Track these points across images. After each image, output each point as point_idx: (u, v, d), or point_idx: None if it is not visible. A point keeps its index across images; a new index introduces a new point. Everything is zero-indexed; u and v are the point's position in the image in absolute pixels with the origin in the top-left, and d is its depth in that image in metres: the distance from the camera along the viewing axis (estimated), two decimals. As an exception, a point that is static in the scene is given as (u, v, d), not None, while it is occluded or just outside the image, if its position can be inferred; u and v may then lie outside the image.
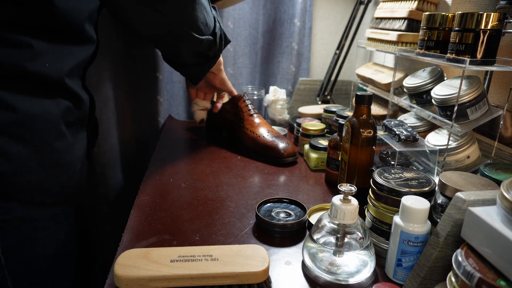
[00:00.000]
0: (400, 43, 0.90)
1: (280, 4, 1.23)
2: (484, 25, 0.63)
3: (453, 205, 0.44)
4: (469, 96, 0.68)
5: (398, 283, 0.51)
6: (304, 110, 1.17)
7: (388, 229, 0.55)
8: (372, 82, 1.04)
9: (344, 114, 0.99)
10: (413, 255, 0.50)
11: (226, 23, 1.16)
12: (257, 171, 0.87)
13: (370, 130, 0.66)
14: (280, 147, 0.91)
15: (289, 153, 0.91)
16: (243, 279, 0.47)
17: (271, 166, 0.90)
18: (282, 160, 0.90)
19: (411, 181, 0.55)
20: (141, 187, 0.76)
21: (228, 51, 1.20)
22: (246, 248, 0.51)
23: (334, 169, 0.80)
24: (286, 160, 0.90)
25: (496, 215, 0.38)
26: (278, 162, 0.91)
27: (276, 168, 0.89)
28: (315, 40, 1.34)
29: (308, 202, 0.72)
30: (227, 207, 0.71)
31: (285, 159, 0.90)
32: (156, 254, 0.49)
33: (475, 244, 0.39)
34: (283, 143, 0.92)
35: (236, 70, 1.25)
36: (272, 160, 0.91)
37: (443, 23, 0.74)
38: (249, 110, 1.00)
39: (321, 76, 1.36)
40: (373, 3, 1.20)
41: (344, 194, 0.51)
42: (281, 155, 0.90)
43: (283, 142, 0.92)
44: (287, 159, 0.91)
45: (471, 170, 0.72)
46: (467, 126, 0.69)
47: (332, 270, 0.52)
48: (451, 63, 0.68)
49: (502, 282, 0.34)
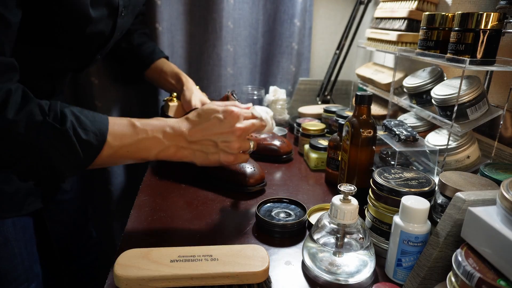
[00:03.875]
0: (400, 43, 0.90)
1: (280, 4, 1.23)
2: (484, 25, 0.63)
3: (453, 205, 0.44)
4: (469, 96, 0.68)
5: (398, 283, 0.51)
6: (304, 110, 1.17)
7: (388, 229, 0.55)
8: (372, 82, 1.04)
9: (344, 114, 0.99)
10: (413, 255, 0.50)
11: (226, 23, 1.16)
12: (257, 171, 0.87)
13: (370, 130, 0.66)
14: (247, 173, 0.76)
15: (256, 180, 0.76)
16: (243, 279, 0.47)
17: (271, 166, 0.90)
18: (247, 188, 0.76)
19: (411, 181, 0.55)
20: (141, 187, 0.76)
21: (228, 51, 1.20)
22: (246, 248, 0.51)
23: (334, 169, 0.80)
24: (251, 189, 0.76)
25: (496, 215, 0.38)
26: (243, 191, 0.76)
27: (276, 168, 0.89)
28: (315, 40, 1.34)
29: (308, 202, 0.72)
30: (227, 207, 0.71)
31: (250, 188, 0.76)
32: (156, 254, 0.49)
33: (475, 244, 0.39)
34: (250, 168, 0.77)
35: (236, 70, 1.25)
36: (236, 188, 0.77)
37: (443, 23, 0.74)
38: None
39: (321, 76, 1.36)
40: (373, 3, 1.20)
41: (344, 194, 0.51)
42: (246, 182, 0.76)
43: (250, 167, 0.78)
44: (252, 187, 0.76)
45: (471, 170, 0.72)
46: (467, 126, 0.69)
47: (332, 270, 0.52)
48: (451, 63, 0.68)
49: (502, 282, 0.34)
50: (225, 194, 0.75)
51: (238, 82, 1.27)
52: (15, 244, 0.72)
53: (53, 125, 0.50)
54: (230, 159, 0.62)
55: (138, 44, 0.98)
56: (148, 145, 0.58)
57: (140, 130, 0.58)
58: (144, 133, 0.58)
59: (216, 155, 0.61)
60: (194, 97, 0.87)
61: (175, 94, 0.94)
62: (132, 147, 0.57)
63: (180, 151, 0.60)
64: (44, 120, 0.50)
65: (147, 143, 0.58)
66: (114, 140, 0.55)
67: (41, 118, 0.50)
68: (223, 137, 0.61)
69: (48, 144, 0.50)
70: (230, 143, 0.61)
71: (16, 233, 0.73)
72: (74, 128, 0.51)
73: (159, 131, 0.59)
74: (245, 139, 0.64)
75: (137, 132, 0.57)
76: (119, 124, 0.57)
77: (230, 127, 0.60)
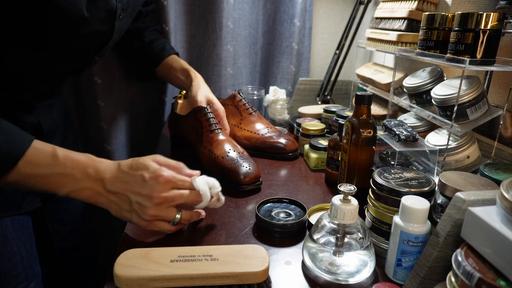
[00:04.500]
0: (400, 43, 0.90)
1: (280, 4, 1.23)
2: (484, 25, 0.63)
3: (453, 205, 0.44)
4: (469, 96, 0.68)
5: (398, 283, 0.51)
6: (304, 110, 1.17)
7: (388, 229, 0.55)
8: (372, 82, 1.04)
9: (344, 114, 0.99)
10: (413, 255, 0.50)
11: (226, 23, 1.16)
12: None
13: (370, 130, 0.66)
14: (242, 172, 0.76)
15: (251, 179, 0.76)
16: (243, 279, 0.47)
17: (271, 166, 0.90)
18: (241, 187, 0.76)
19: (411, 181, 0.55)
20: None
21: (228, 51, 1.20)
22: (246, 248, 0.51)
23: (334, 169, 0.80)
24: (245, 188, 0.76)
25: (495, 215, 0.38)
26: (238, 189, 0.76)
27: (276, 168, 0.89)
28: (315, 40, 1.34)
29: (308, 202, 0.72)
30: (227, 207, 0.71)
31: (244, 186, 0.76)
32: (156, 254, 0.49)
33: (475, 244, 0.39)
34: (246, 167, 0.77)
35: (236, 70, 1.25)
36: (232, 186, 0.76)
37: (443, 23, 0.74)
38: (210, 126, 0.84)
39: (321, 76, 1.36)
40: (373, 3, 1.20)
41: (344, 194, 0.51)
42: (240, 181, 0.75)
43: (246, 166, 0.77)
44: (246, 186, 0.76)
45: (471, 170, 0.72)
46: (467, 126, 0.69)
47: (332, 270, 0.52)
48: (451, 63, 0.68)
49: (502, 282, 0.34)
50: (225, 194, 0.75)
51: (238, 82, 1.27)
52: (14, 242, 0.73)
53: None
54: (141, 224, 0.57)
55: (149, 42, 0.99)
56: (61, 181, 0.54)
57: (59, 163, 0.54)
58: (62, 167, 0.54)
59: (129, 214, 0.57)
60: (200, 93, 0.88)
61: (184, 92, 0.95)
62: (43, 178, 0.53)
63: (96, 196, 0.56)
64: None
65: (60, 179, 0.54)
66: (25, 167, 0.52)
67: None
68: (139, 198, 0.55)
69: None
70: (144, 208, 0.55)
71: (15, 231, 0.73)
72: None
73: (80, 169, 0.55)
74: (167, 208, 0.58)
75: (55, 165, 0.54)
76: (40, 151, 0.53)
77: (150, 192, 0.55)
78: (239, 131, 0.97)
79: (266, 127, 0.97)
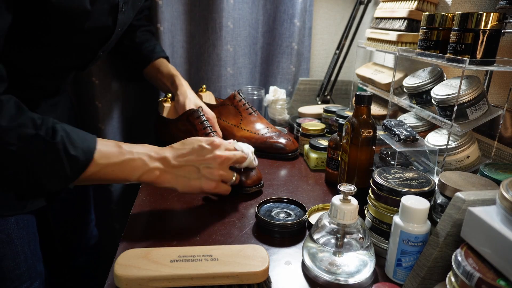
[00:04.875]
0: (400, 43, 0.90)
1: (280, 4, 1.23)
2: (483, 25, 0.63)
3: (453, 205, 0.44)
4: (469, 96, 0.68)
5: (398, 283, 0.51)
6: (304, 110, 1.17)
7: (388, 229, 0.55)
8: (372, 82, 1.04)
9: (344, 114, 0.99)
10: (413, 255, 0.50)
11: (226, 23, 1.16)
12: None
13: (370, 130, 0.66)
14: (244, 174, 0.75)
15: (254, 181, 0.75)
16: (243, 279, 0.47)
17: (271, 166, 0.90)
18: (244, 189, 0.75)
19: (411, 181, 0.55)
20: (141, 187, 0.76)
21: (228, 51, 1.20)
22: (246, 248, 0.51)
23: (334, 169, 0.80)
24: (248, 191, 0.75)
25: (495, 215, 0.38)
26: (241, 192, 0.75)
27: (276, 168, 0.89)
28: (315, 40, 1.34)
29: (308, 202, 0.72)
30: (227, 207, 0.71)
31: (247, 189, 0.75)
32: (156, 254, 0.49)
33: (475, 244, 0.39)
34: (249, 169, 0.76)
35: (236, 70, 1.25)
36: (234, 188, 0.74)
37: (443, 23, 0.74)
38: (205, 128, 0.81)
39: (321, 76, 1.36)
40: (373, 3, 1.20)
41: (344, 194, 0.51)
42: (242, 183, 0.74)
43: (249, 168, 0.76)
44: (249, 188, 0.75)
45: (471, 170, 0.72)
46: (467, 126, 0.69)
47: (332, 270, 0.52)
48: (450, 63, 0.68)
49: (502, 282, 0.34)
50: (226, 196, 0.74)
51: (238, 82, 1.27)
52: (18, 242, 0.73)
53: (44, 139, 0.51)
54: (211, 186, 0.64)
55: (139, 42, 0.98)
56: (133, 165, 0.59)
57: (126, 152, 0.59)
58: (130, 154, 0.60)
59: (198, 181, 0.63)
60: (188, 102, 0.88)
61: (170, 95, 0.94)
62: (117, 166, 0.58)
63: (163, 175, 0.62)
64: (36, 134, 0.51)
65: (132, 163, 0.59)
66: (101, 158, 0.56)
67: (34, 132, 0.51)
68: (205, 163, 0.64)
69: (36, 156, 0.51)
70: (212, 169, 0.64)
71: (19, 231, 0.73)
72: (63, 143, 0.52)
73: (144, 153, 0.61)
74: (227, 168, 0.67)
75: (123, 153, 0.59)
76: (106, 145, 0.58)
77: (212, 155, 0.64)
78: (239, 131, 0.97)
79: (266, 127, 0.97)
